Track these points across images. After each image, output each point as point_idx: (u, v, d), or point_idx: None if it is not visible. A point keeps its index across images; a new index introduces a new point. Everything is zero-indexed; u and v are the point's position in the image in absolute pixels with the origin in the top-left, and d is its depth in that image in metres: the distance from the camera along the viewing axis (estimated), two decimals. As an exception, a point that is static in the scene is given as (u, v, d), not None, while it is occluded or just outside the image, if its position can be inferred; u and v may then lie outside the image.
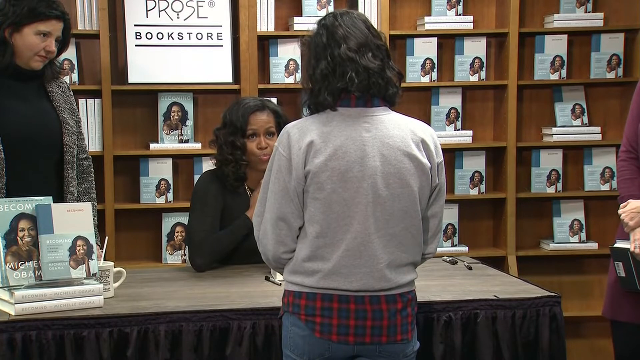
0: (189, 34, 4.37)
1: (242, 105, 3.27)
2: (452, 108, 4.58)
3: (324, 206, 2.31)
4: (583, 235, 4.65)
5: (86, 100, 4.24)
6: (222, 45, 4.40)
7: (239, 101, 3.34)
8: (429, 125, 2.49)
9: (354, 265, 2.32)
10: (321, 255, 2.33)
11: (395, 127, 2.36)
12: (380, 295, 2.34)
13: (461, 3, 4.54)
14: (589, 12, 4.61)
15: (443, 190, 2.45)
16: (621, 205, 2.97)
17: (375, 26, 4.08)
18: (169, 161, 4.38)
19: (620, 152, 3.08)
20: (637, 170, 3.01)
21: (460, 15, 4.54)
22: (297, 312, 2.36)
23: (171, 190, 4.38)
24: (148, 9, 4.34)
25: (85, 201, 3.13)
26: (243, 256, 3.20)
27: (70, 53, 4.11)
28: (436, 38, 4.53)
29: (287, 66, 4.44)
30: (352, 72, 2.32)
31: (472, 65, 4.56)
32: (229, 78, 4.39)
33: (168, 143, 4.37)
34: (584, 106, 4.66)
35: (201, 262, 3.15)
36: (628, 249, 2.91)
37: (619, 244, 2.98)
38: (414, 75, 4.51)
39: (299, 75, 4.29)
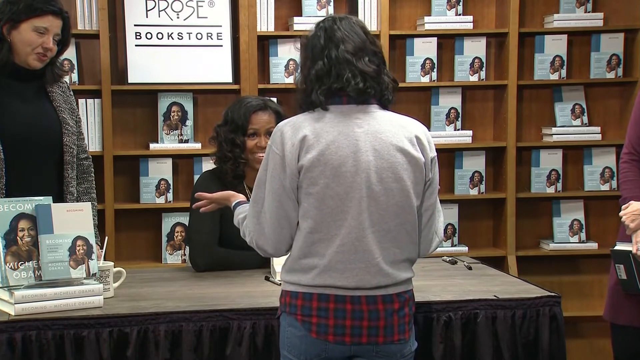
0: (189, 34, 4.37)
1: (245, 104, 3.27)
2: (452, 108, 4.57)
3: (318, 201, 2.31)
4: (583, 235, 4.65)
5: (86, 100, 4.24)
6: (222, 45, 4.40)
7: (242, 99, 3.35)
8: (429, 125, 2.49)
9: (349, 261, 2.32)
10: (316, 251, 2.33)
11: (387, 122, 2.37)
12: (376, 295, 2.34)
13: (461, 3, 4.54)
14: (589, 12, 4.61)
15: (434, 186, 2.43)
16: (622, 207, 2.96)
17: (375, 26, 4.07)
18: (169, 161, 4.38)
19: (622, 154, 3.07)
20: (639, 172, 3.01)
21: (460, 15, 4.54)
22: (293, 312, 2.36)
23: (171, 190, 4.37)
24: (148, 9, 4.34)
25: (86, 201, 3.12)
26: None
27: (70, 53, 4.11)
28: (436, 38, 4.53)
29: (287, 66, 4.44)
30: (348, 73, 2.33)
31: (472, 65, 4.56)
32: (228, 78, 4.39)
33: (168, 143, 4.37)
34: (584, 106, 4.66)
35: (202, 263, 3.15)
36: (630, 251, 2.90)
37: (620, 247, 2.96)
38: (414, 75, 4.51)
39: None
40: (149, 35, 4.33)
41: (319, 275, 2.33)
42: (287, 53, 4.42)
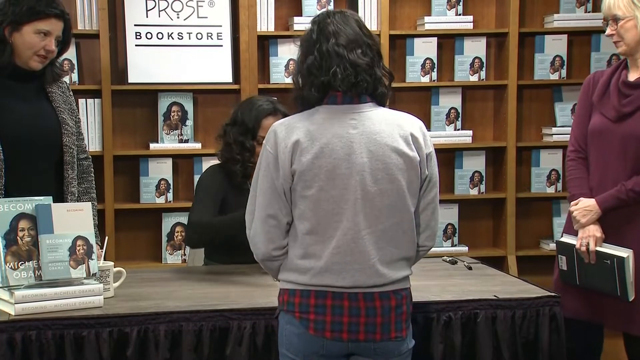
0: (189, 33, 4.37)
1: (256, 107, 3.25)
2: (452, 108, 4.58)
3: (313, 204, 2.32)
4: (583, 235, 4.65)
5: (86, 100, 4.24)
6: (222, 45, 4.40)
7: (252, 101, 3.32)
8: (429, 125, 2.49)
9: (346, 262, 2.32)
10: (312, 253, 2.34)
11: (382, 122, 2.36)
12: (374, 292, 2.35)
13: (461, 3, 4.55)
14: (589, 12, 4.61)
15: (434, 182, 2.43)
16: (572, 203, 3.09)
17: (375, 26, 4.05)
18: (169, 161, 4.38)
19: (568, 152, 3.19)
20: (585, 170, 3.13)
21: (460, 15, 4.54)
22: (291, 310, 2.37)
23: (171, 190, 4.38)
24: (148, 8, 4.34)
25: (86, 201, 3.12)
26: (243, 255, 3.19)
27: (70, 53, 4.11)
28: (436, 38, 4.53)
29: (287, 66, 4.44)
30: (337, 66, 2.31)
31: (472, 65, 4.56)
32: (228, 78, 4.39)
33: (168, 143, 4.37)
34: (584, 106, 4.66)
35: (195, 239, 3.19)
36: (574, 245, 3.03)
37: (566, 239, 3.12)
38: (414, 75, 4.51)
39: (298, 75, 4.29)
40: (149, 35, 4.33)
41: (315, 276, 2.34)
42: (287, 53, 4.42)
